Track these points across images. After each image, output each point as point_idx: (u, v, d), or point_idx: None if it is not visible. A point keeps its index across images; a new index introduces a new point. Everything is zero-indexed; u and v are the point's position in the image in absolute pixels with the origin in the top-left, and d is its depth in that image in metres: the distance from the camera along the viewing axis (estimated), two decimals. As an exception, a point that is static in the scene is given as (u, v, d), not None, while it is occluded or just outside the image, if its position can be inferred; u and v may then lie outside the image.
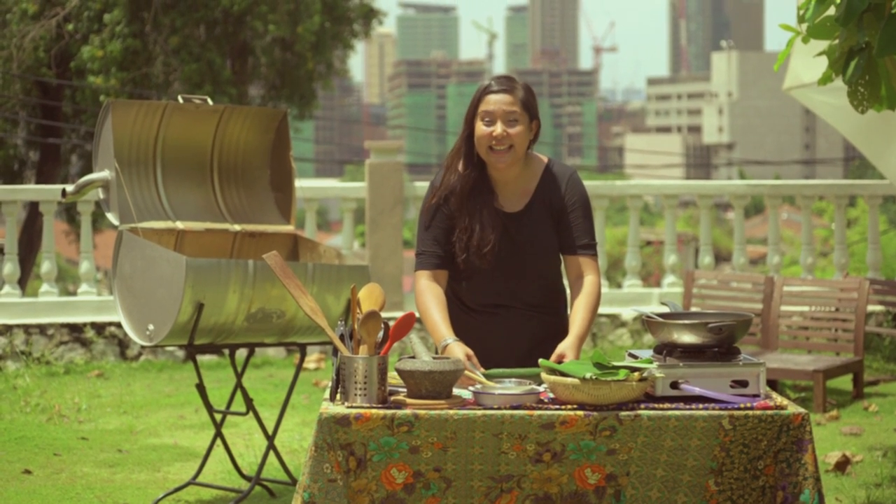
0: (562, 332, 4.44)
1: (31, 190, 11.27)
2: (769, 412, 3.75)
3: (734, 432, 3.75)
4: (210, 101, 6.40)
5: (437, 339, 4.32)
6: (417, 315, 4.30)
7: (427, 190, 4.55)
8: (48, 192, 10.40)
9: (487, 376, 4.06)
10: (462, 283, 4.49)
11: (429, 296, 4.42)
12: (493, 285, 4.47)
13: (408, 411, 3.71)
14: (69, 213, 18.73)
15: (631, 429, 3.73)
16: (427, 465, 3.76)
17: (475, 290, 4.49)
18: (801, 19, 5.67)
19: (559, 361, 4.18)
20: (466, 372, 4.05)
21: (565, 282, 4.60)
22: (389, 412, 3.71)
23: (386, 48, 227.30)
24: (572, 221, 4.46)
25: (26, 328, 10.06)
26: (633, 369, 3.80)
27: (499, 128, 4.34)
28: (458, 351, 4.21)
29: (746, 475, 3.80)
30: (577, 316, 4.37)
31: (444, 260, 4.47)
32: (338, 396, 3.88)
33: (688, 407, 3.76)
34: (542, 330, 4.51)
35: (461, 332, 4.38)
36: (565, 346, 4.26)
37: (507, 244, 4.43)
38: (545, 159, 4.53)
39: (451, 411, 3.71)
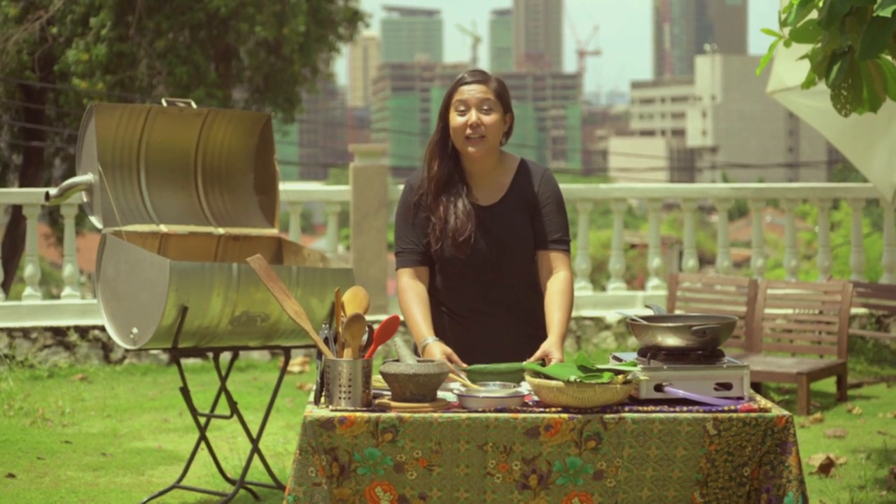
0: (543, 335, 4.45)
1: (14, 193, 11.24)
2: (753, 415, 3.76)
3: (719, 438, 3.74)
4: (194, 105, 6.40)
5: (418, 339, 4.34)
6: (402, 318, 4.31)
7: (403, 188, 4.58)
8: (31, 196, 10.37)
9: (470, 373, 4.06)
10: (442, 284, 4.50)
11: (411, 294, 4.44)
12: (472, 282, 4.47)
13: (392, 414, 3.71)
14: (51, 216, 18.70)
15: (616, 435, 3.72)
16: (412, 490, 3.75)
17: (455, 289, 4.49)
18: (783, 23, 5.69)
19: (544, 360, 4.18)
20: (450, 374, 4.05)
21: None
22: (374, 415, 3.70)
23: (370, 51, 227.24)
24: (545, 216, 4.48)
25: (9, 332, 10.03)
26: (618, 372, 3.80)
27: (473, 115, 4.39)
28: (437, 350, 4.22)
29: (732, 483, 3.80)
30: (555, 315, 4.36)
31: (425, 256, 4.49)
32: (322, 400, 3.88)
33: (672, 410, 3.76)
34: (524, 333, 4.50)
35: (444, 335, 4.39)
36: (550, 345, 4.25)
37: (483, 237, 4.44)
38: (518, 157, 4.58)
39: (436, 415, 3.70)
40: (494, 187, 4.50)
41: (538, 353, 4.21)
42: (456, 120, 4.42)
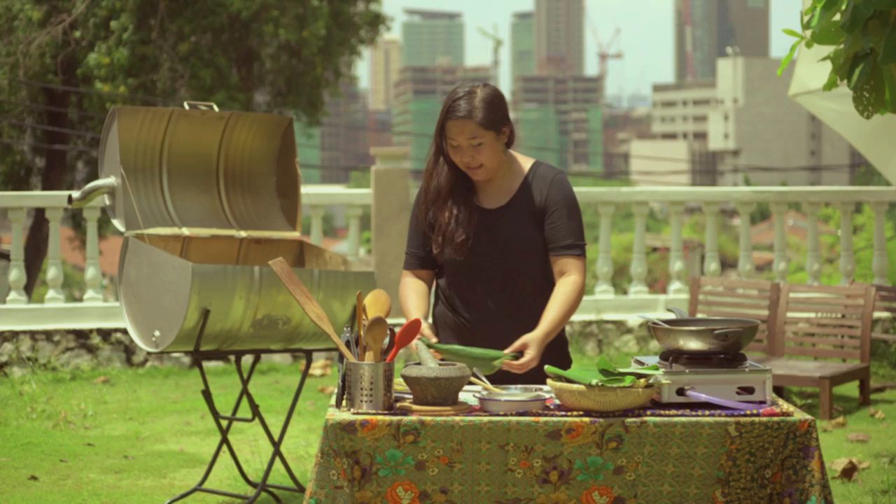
0: (558, 343, 4.44)
1: (37, 196, 11.28)
2: (775, 419, 3.75)
3: (740, 439, 3.74)
4: (216, 108, 6.41)
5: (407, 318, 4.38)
6: (427, 322, 4.32)
7: (417, 192, 4.60)
8: (54, 199, 10.41)
9: (441, 351, 4.07)
10: (449, 287, 4.52)
11: (408, 288, 4.54)
12: (477, 285, 4.47)
13: (413, 418, 3.71)
14: (74, 219, 18.77)
15: (637, 436, 3.72)
16: (433, 486, 3.76)
17: (461, 291, 4.50)
18: (805, 25, 5.67)
19: (519, 352, 4.17)
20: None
21: None
22: (395, 419, 3.71)
23: (391, 54, 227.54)
24: (556, 221, 4.46)
25: (32, 334, 10.07)
26: (639, 376, 3.79)
27: (465, 156, 4.38)
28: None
29: (754, 484, 3.79)
30: (549, 312, 4.33)
31: (426, 260, 4.56)
32: (344, 403, 3.88)
33: (694, 413, 3.76)
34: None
35: (450, 338, 4.45)
36: (530, 338, 4.21)
37: (488, 239, 4.44)
38: (531, 161, 4.56)
39: (458, 418, 3.71)
40: (502, 192, 4.50)
41: (516, 344, 4.19)
42: (451, 152, 4.41)
